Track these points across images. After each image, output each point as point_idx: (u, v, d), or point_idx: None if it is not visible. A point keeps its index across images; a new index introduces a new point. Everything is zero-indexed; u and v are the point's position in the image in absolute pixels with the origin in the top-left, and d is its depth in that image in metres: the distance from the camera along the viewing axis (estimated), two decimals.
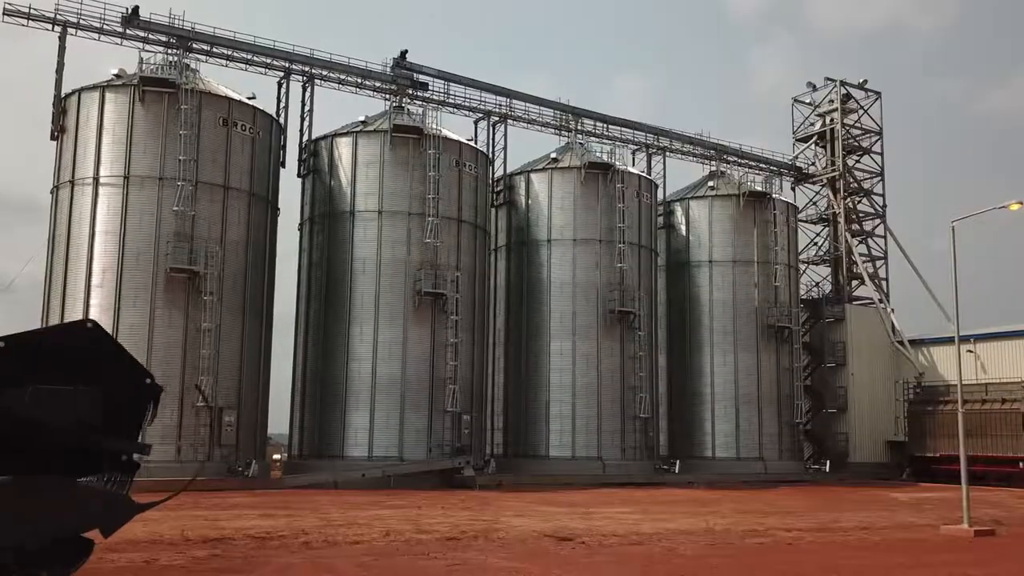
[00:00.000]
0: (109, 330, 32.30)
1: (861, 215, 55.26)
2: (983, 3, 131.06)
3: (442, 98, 44.02)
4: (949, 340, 27.30)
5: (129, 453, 6.99)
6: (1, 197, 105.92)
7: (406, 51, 43.03)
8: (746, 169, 51.43)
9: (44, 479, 6.62)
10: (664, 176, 50.30)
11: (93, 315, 33.21)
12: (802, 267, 53.30)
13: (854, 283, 54.21)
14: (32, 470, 6.56)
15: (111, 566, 12.85)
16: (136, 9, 37.32)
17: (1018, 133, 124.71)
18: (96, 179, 34.34)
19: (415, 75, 43.21)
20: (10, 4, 36.33)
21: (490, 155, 44.05)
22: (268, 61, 40.64)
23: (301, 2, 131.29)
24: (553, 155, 44.59)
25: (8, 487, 6.37)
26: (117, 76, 35.91)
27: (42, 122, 36.44)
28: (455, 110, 44.74)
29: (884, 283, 54.64)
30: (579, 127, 47.08)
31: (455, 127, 42.50)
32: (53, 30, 36.78)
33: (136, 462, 6.99)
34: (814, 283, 55.09)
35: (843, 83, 55.44)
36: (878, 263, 54.98)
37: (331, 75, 41.98)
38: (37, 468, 6.58)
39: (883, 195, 55.49)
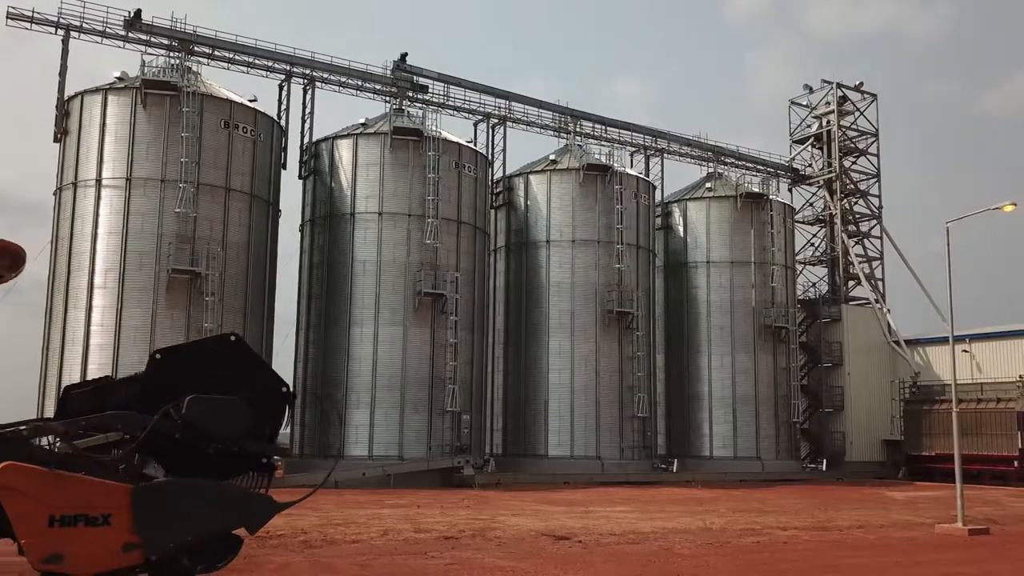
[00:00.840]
0: (111, 330, 32.49)
1: (857, 216, 55.22)
2: (978, 7, 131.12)
3: (442, 100, 44.02)
4: (944, 340, 27.28)
5: (269, 456, 7.51)
6: (7, 199, 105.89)
7: (406, 54, 43.03)
8: (743, 171, 51.41)
9: (205, 481, 7.12)
10: (662, 178, 50.38)
11: (96, 316, 33.29)
12: (799, 268, 53.26)
13: (850, 283, 54.19)
14: (194, 473, 7.09)
15: None
16: (138, 12, 37.29)
17: (1013, 135, 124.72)
18: (99, 181, 34.32)
19: (415, 78, 43.17)
20: (14, 8, 36.36)
21: (489, 157, 44.02)
22: (269, 64, 40.60)
23: (302, 5, 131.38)
24: (552, 157, 44.56)
25: (182, 489, 6.91)
26: (119, 79, 35.90)
27: (45, 125, 36.43)
28: (455, 112, 44.74)
29: (880, 283, 54.60)
30: (578, 129, 47.05)
31: (455, 129, 42.54)
32: (56, 33, 36.79)
33: (273, 464, 7.50)
34: (811, 283, 55.11)
35: (839, 85, 55.39)
36: (874, 264, 54.94)
37: (332, 78, 41.95)
38: (198, 471, 7.11)
39: (879, 196, 55.50)
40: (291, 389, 7.70)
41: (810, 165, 56.02)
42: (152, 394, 7.03)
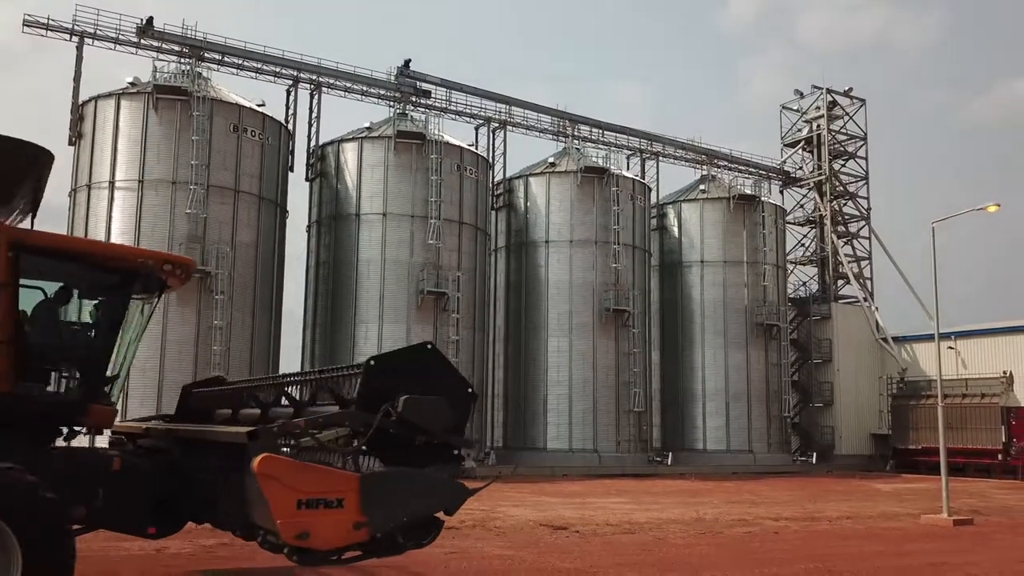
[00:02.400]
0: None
1: (847, 217, 55.20)
2: (966, 17, 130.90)
3: (444, 105, 44.02)
4: (930, 337, 27.29)
5: (461, 448, 8.33)
6: None
7: (409, 60, 43.08)
8: (736, 173, 51.39)
9: (416, 470, 7.98)
10: (657, 180, 50.34)
11: None
12: (790, 267, 53.23)
13: (840, 282, 54.16)
14: (407, 463, 7.96)
15: (123, 554, 12.79)
16: (151, 20, 37.36)
17: (998, 139, 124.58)
18: (112, 183, 34.34)
19: (418, 83, 43.17)
20: (30, 15, 36.41)
21: (490, 160, 44.02)
22: (277, 70, 40.62)
23: (309, 13, 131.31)
24: (551, 160, 44.55)
25: (398, 476, 7.81)
26: (132, 84, 35.92)
27: (60, 128, 36.48)
28: (457, 117, 44.76)
29: (868, 282, 54.60)
30: (576, 133, 47.06)
31: (456, 133, 42.53)
32: (71, 40, 36.82)
33: (462, 455, 8.36)
34: (801, 282, 55.10)
35: (829, 91, 55.37)
36: (863, 263, 54.94)
37: (338, 83, 41.97)
38: (411, 461, 7.96)
39: (868, 198, 55.51)
40: (475, 390, 8.53)
41: (801, 168, 56.00)
42: (367, 394, 7.82)
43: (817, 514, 22.84)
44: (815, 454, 49.65)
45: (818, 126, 55.10)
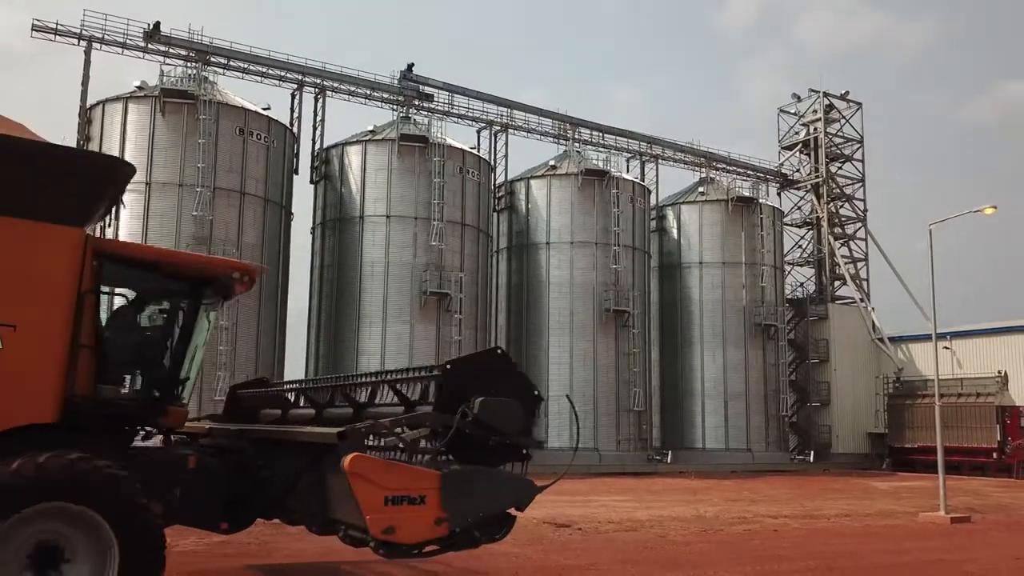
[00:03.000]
0: None
1: (843, 219, 55.22)
2: (961, 21, 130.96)
3: (447, 109, 44.03)
4: (927, 337, 27.31)
5: (529, 447, 8.57)
6: None
7: (412, 64, 43.04)
8: (734, 176, 51.39)
9: (492, 468, 8.33)
10: (657, 182, 50.34)
11: None
12: (787, 268, 53.23)
13: (836, 283, 54.18)
14: (483, 462, 8.29)
15: None
16: (158, 25, 37.32)
17: (994, 142, 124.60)
18: None
19: (421, 87, 43.18)
20: (38, 20, 36.44)
21: (492, 163, 44.02)
22: (282, 74, 40.64)
23: (314, 18, 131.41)
24: (552, 162, 44.54)
25: (475, 474, 8.13)
26: (139, 88, 35.91)
27: (69, 132, 36.46)
28: (459, 120, 44.77)
29: (865, 283, 54.60)
30: (576, 136, 47.05)
31: (459, 136, 42.48)
32: (79, 45, 36.79)
33: (530, 454, 8.57)
34: (799, 283, 55.10)
35: (826, 94, 55.39)
36: (859, 264, 54.95)
37: (342, 87, 41.99)
38: (484, 460, 8.30)
39: (864, 200, 55.53)
40: (540, 393, 8.81)
41: (798, 170, 56.02)
42: (444, 396, 8.14)
43: (816, 512, 22.84)
44: (812, 453, 49.64)
45: (815, 129, 55.12)
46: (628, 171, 47.99)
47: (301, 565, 13.02)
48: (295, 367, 39.53)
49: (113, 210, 33.89)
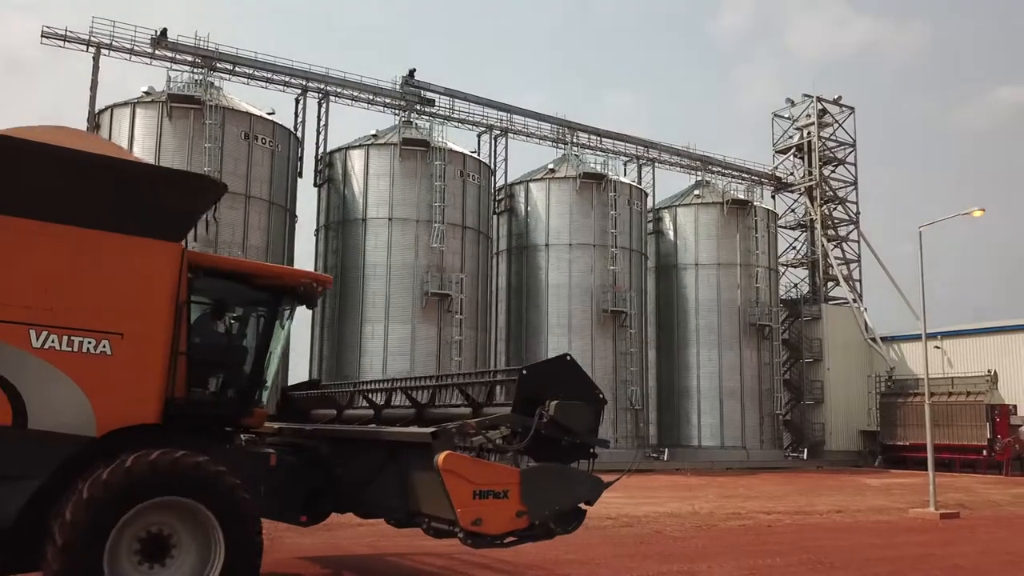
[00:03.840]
0: None
1: (836, 221, 55.26)
2: (953, 28, 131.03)
3: (448, 113, 44.07)
4: (918, 337, 27.34)
5: (596, 446, 9.10)
6: None
7: (414, 70, 43.11)
8: (729, 179, 51.42)
9: (566, 466, 8.86)
10: (653, 185, 50.40)
11: None
12: (781, 269, 53.25)
13: (830, 284, 54.21)
14: (555, 460, 8.77)
15: None
16: (165, 31, 37.41)
17: (984, 146, 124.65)
18: None
19: (422, 92, 43.23)
20: (48, 27, 36.50)
21: (492, 166, 44.07)
22: (286, 79, 40.67)
23: (318, 24, 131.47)
24: (550, 166, 44.60)
25: (551, 471, 8.65)
26: (147, 93, 35.97)
27: None
28: (460, 124, 44.77)
29: (858, 284, 54.65)
30: (575, 140, 47.08)
31: (460, 140, 42.57)
32: (87, 51, 36.86)
33: (597, 453, 9.12)
34: (793, 284, 55.14)
35: (819, 99, 55.44)
36: (852, 266, 54.98)
37: (345, 92, 42.02)
38: (557, 458, 8.78)
39: (856, 203, 55.59)
40: (604, 396, 9.31)
41: (792, 173, 56.06)
42: (521, 399, 8.56)
43: (809, 508, 22.89)
44: (806, 450, 49.69)
45: (809, 133, 55.17)
46: (625, 174, 48.04)
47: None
48: (297, 367, 39.59)
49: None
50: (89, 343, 7.99)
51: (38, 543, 7.65)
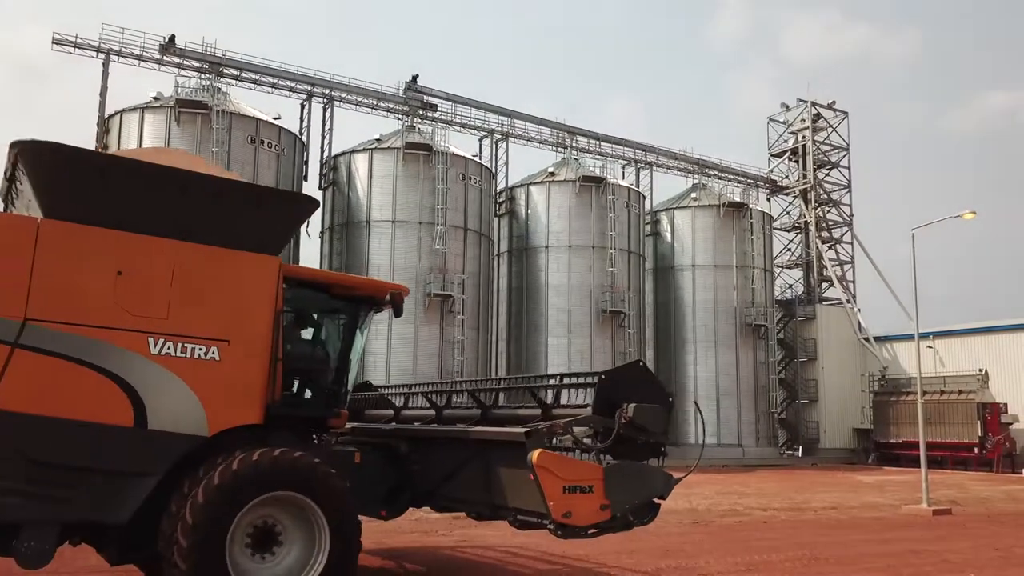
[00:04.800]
0: None
1: (830, 223, 55.28)
2: (944, 34, 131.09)
3: (450, 118, 44.12)
4: (910, 337, 27.29)
5: (665, 445, 9.33)
6: None
7: (417, 75, 43.18)
8: (726, 182, 51.45)
9: (640, 463, 9.17)
10: (651, 188, 50.46)
11: None
12: (777, 271, 53.28)
13: (824, 285, 54.23)
14: (631, 457, 9.11)
15: None
16: (172, 38, 37.43)
17: (975, 150, 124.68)
18: None
19: (425, 97, 43.28)
20: (58, 33, 36.57)
21: (493, 169, 44.10)
22: (292, 85, 40.75)
23: (323, 31, 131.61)
24: (550, 169, 44.63)
25: (630, 468, 9.02)
26: (155, 99, 36.02)
27: (87, 141, 36.57)
28: (461, 129, 44.82)
29: (851, 285, 54.66)
30: (574, 144, 47.13)
31: (461, 144, 42.65)
32: (97, 57, 36.94)
33: (665, 451, 9.38)
34: (788, 285, 55.15)
35: (813, 104, 55.48)
36: (845, 267, 55.01)
37: (349, 97, 42.08)
38: (633, 456, 9.11)
39: (850, 205, 55.62)
40: (673, 398, 9.56)
41: (787, 177, 56.08)
42: (600, 401, 8.96)
43: (804, 505, 22.88)
44: (801, 448, 49.70)
45: (803, 137, 55.20)
46: (624, 177, 48.07)
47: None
48: None
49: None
50: (200, 349, 8.44)
51: (148, 536, 8.12)
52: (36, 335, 7.73)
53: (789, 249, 55.64)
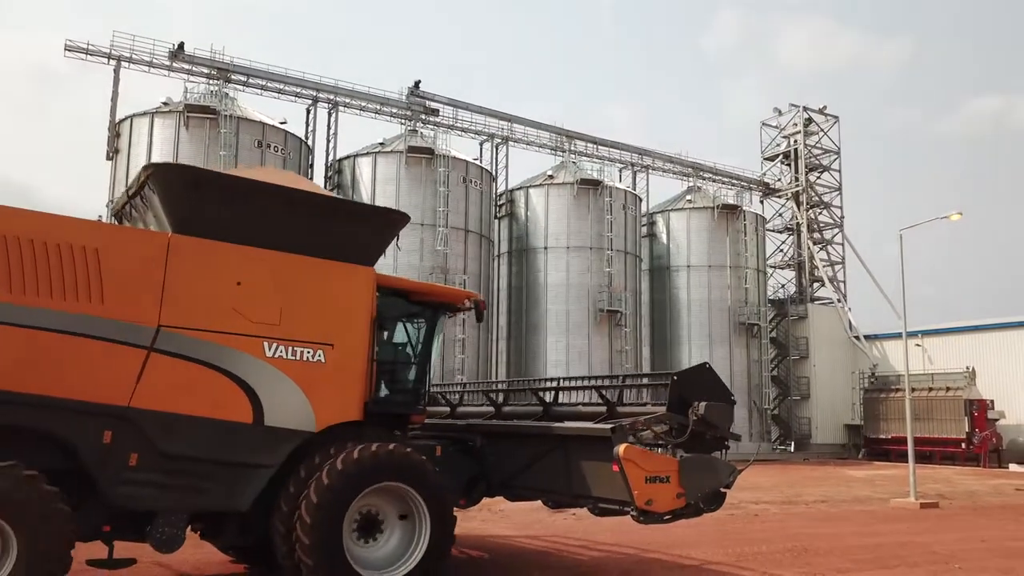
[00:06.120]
0: None
1: (822, 225, 55.25)
2: (934, 41, 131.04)
3: (451, 122, 44.12)
4: (899, 335, 27.25)
5: (729, 439, 9.95)
6: (67, 210, 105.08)
7: (419, 81, 43.18)
8: (720, 184, 51.45)
9: (709, 455, 9.81)
10: (647, 191, 50.43)
11: None
12: (769, 271, 53.26)
13: (815, 285, 54.21)
14: (704, 450, 9.74)
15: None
16: (182, 45, 37.46)
17: (962, 153, 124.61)
18: None
19: (427, 102, 43.29)
20: (71, 40, 36.57)
21: (493, 173, 44.11)
22: (298, 90, 40.75)
23: (328, 37, 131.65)
24: (549, 172, 44.62)
25: (701, 460, 9.62)
26: (165, 104, 36.03)
27: (99, 145, 36.61)
28: (463, 133, 44.83)
29: (842, 285, 54.64)
30: (572, 148, 47.13)
31: (463, 148, 42.63)
32: (108, 64, 36.92)
33: (729, 445, 9.99)
34: (780, 285, 55.11)
35: (805, 108, 55.46)
36: (836, 267, 54.98)
37: (353, 102, 42.08)
38: (701, 449, 9.70)
39: (841, 207, 55.55)
40: (735, 397, 10.04)
41: (779, 180, 56.06)
42: (673, 400, 9.50)
43: (795, 498, 22.90)
44: (793, 443, 49.66)
45: (795, 141, 55.17)
46: (620, 180, 48.08)
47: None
48: None
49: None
50: (308, 352, 9.05)
51: (256, 523, 8.85)
52: (169, 340, 8.31)
53: (781, 250, 55.65)
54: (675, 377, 9.72)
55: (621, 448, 9.07)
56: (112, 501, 8.09)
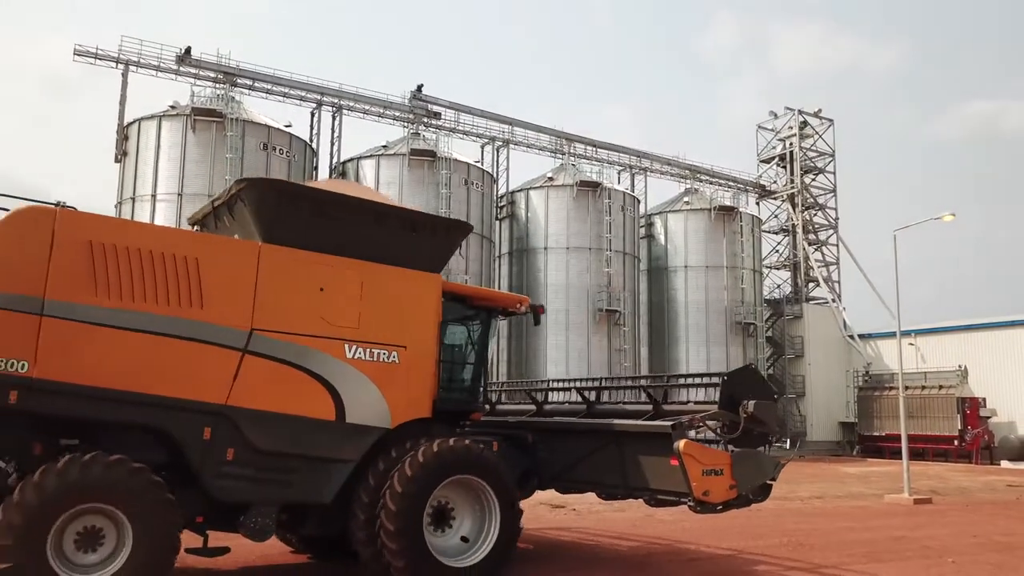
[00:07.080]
0: None
1: (817, 226, 55.23)
2: (926, 46, 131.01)
3: (453, 126, 44.13)
4: (893, 334, 27.30)
5: (774, 435, 10.36)
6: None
7: (422, 85, 43.17)
8: (717, 187, 51.42)
9: (756, 450, 10.29)
10: (645, 193, 50.43)
11: None
12: (765, 271, 53.24)
13: (811, 285, 54.19)
14: (751, 445, 10.18)
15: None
16: (189, 49, 37.47)
17: (955, 155, 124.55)
18: (154, 196, 34.48)
19: (430, 106, 43.30)
20: (80, 45, 36.61)
21: (494, 175, 44.11)
22: (302, 94, 40.76)
23: (332, 41, 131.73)
24: (549, 175, 44.63)
25: (751, 454, 10.08)
26: (172, 107, 36.05)
27: (107, 148, 36.63)
28: (464, 136, 44.83)
29: (837, 285, 54.62)
30: (572, 150, 47.13)
31: (464, 151, 42.61)
32: (117, 68, 36.95)
33: (772, 440, 10.51)
34: (776, 285, 55.08)
35: (801, 112, 55.43)
36: (831, 268, 54.95)
37: (357, 106, 42.09)
38: (752, 444, 10.19)
39: (836, 209, 55.53)
40: (777, 395, 10.43)
41: (775, 182, 56.04)
42: (724, 398, 9.96)
43: (790, 494, 22.86)
44: (788, 440, 49.60)
45: (791, 144, 55.15)
46: (619, 182, 48.06)
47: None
48: None
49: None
50: (384, 354, 9.51)
51: (336, 516, 9.22)
52: (260, 342, 8.71)
53: (777, 251, 55.64)
54: (725, 377, 10.15)
55: (681, 443, 9.47)
56: (211, 493, 8.46)
